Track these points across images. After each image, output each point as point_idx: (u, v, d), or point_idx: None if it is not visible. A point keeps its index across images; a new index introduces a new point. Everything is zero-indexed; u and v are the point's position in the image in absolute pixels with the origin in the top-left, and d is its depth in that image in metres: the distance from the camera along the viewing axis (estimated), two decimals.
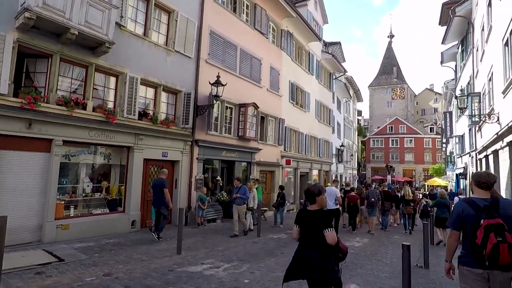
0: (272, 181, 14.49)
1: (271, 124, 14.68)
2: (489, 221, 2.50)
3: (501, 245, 2.41)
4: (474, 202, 2.67)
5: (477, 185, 2.74)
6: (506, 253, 2.41)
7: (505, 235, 2.45)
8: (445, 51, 22.25)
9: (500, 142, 9.12)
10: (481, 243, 2.49)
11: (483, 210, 2.57)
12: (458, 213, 2.71)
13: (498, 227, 2.47)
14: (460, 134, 20.70)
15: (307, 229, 2.94)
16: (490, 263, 2.47)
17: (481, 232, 2.50)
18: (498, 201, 2.62)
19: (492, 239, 2.44)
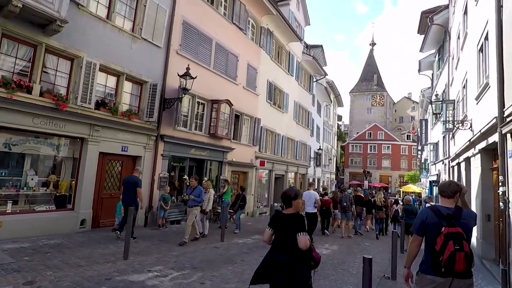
0: (245, 183, 13.96)
1: (246, 123, 14.17)
2: (449, 229, 2.56)
3: (458, 253, 2.48)
4: (438, 210, 2.73)
5: (440, 194, 2.83)
6: (461, 261, 2.48)
7: (463, 243, 2.52)
8: (423, 59, 22.60)
9: (472, 149, 9.03)
10: (440, 250, 2.55)
11: (445, 218, 2.63)
12: (422, 219, 2.77)
13: (457, 235, 2.54)
14: (434, 142, 21.01)
15: (281, 232, 2.89)
16: (446, 270, 2.52)
17: (441, 239, 2.56)
18: (461, 211, 2.69)
19: (450, 246, 2.51)
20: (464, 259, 2.49)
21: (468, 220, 2.67)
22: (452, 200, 2.79)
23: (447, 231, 2.56)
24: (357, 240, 10.12)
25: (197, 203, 7.58)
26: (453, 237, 2.53)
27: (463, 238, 2.54)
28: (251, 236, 9.27)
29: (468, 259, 2.51)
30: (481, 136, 7.50)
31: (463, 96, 11.22)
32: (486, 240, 7.77)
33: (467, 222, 2.65)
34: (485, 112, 7.31)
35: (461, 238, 2.54)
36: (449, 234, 2.55)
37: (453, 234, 2.54)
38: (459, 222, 2.61)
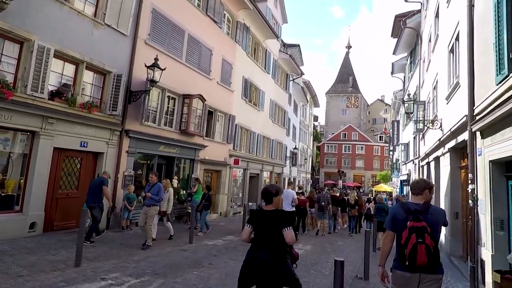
0: (218, 182, 13.51)
1: (220, 120, 13.72)
2: (414, 223, 2.62)
3: (419, 246, 2.54)
4: (407, 205, 2.81)
5: (411, 191, 2.97)
6: (423, 254, 2.52)
7: (425, 236, 2.56)
8: (396, 62, 23.17)
9: (442, 148, 9.15)
10: (404, 243, 2.61)
11: (412, 213, 2.70)
12: (392, 215, 2.86)
13: (421, 229, 2.58)
14: (405, 142, 21.58)
15: (262, 230, 2.83)
16: (410, 263, 2.57)
17: (406, 232, 2.63)
18: (428, 207, 2.75)
19: (413, 239, 2.57)
20: (425, 252, 2.53)
21: (435, 215, 2.72)
22: (421, 196, 2.86)
23: (412, 225, 2.63)
24: (330, 239, 10.00)
25: (155, 202, 6.84)
26: (416, 231, 2.59)
27: (426, 232, 2.58)
28: (223, 237, 8.87)
29: (429, 252, 2.54)
30: (450, 135, 7.56)
31: (433, 97, 11.44)
32: (454, 237, 7.86)
33: (434, 217, 2.69)
34: (455, 112, 7.37)
35: (424, 232, 2.58)
36: (413, 228, 2.61)
37: (417, 228, 2.60)
38: (425, 217, 2.66)
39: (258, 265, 2.71)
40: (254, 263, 2.75)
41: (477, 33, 5.78)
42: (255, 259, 2.76)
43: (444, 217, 2.81)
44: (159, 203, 7.00)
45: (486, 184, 5.10)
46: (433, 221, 2.67)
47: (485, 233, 5.07)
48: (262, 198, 2.99)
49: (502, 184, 4.87)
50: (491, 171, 4.98)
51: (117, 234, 7.98)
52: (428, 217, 2.67)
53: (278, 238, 2.73)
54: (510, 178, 4.76)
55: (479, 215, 5.43)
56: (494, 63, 4.55)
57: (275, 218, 2.79)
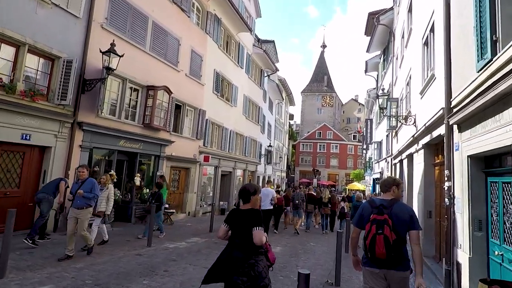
0: (187, 180, 12.73)
1: (190, 115, 12.94)
2: (376, 216, 2.67)
3: (378, 236, 2.56)
4: (373, 201, 2.88)
5: (380, 188, 3.03)
6: (381, 244, 2.54)
7: (384, 228, 2.59)
8: (369, 60, 23.35)
9: (415, 145, 8.98)
10: (366, 235, 2.66)
11: (377, 207, 2.76)
12: (360, 211, 2.91)
13: (382, 221, 2.62)
14: (378, 141, 21.79)
15: (238, 229, 2.79)
16: (371, 254, 2.60)
17: (368, 225, 2.67)
18: (394, 202, 2.79)
19: (373, 230, 2.62)
20: (383, 242, 2.54)
21: (400, 211, 2.72)
22: (389, 193, 2.92)
23: (374, 217, 2.69)
24: (302, 240, 9.57)
25: (88, 201, 5.53)
26: (377, 223, 2.64)
27: (387, 224, 2.60)
28: (187, 239, 8.16)
29: (387, 243, 2.55)
30: (425, 130, 7.33)
31: (406, 93, 11.35)
32: (426, 237, 7.66)
33: (399, 213, 2.70)
34: (430, 106, 7.14)
35: (385, 224, 2.60)
36: (375, 220, 2.67)
37: (378, 220, 2.65)
38: (389, 212, 2.69)
39: (231, 264, 2.65)
40: (227, 261, 2.69)
41: (454, 20, 5.49)
42: (228, 257, 2.70)
43: (412, 215, 2.76)
44: (93, 203, 5.75)
45: (463, 181, 4.80)
46: (397, 215, 2.68)
47: (462, 234, 4.77)
48: (240, 197, 2.93)
49: (481, 181, 4.58)
50: (469, 167, 4.68)
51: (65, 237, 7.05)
52: (393, 212, 2.69)
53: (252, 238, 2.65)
54: (490, 175, 4.47)
55: (455, 214, 5.14)
56: (475, 48, 4.22)
57: (249, 217, 2.73)
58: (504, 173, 4.09)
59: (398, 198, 2.92)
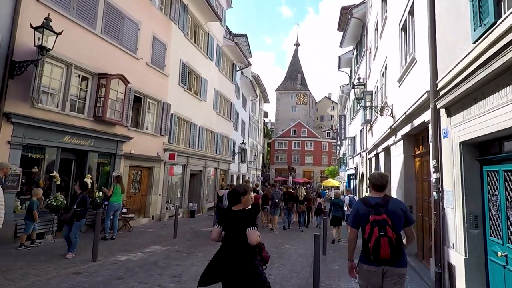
0: (150, 180, 11.55)
1: (152, 109, 11.76)
2: (375, 217, 2.63)
3: (382, 239, 2.53)
4: (367, 200, 2.80)
5: (373, 187, 2.88)
6: (386, 246, 2.52)
7: (386, 229, 2.56)
8: (342, 56, 23.13)
9: (393, 136, 8.47)
10: (367, 237, 2.62)
11: (373, 207, 2.69)
12: (354, 212, 2.82)
13: (382, 222, 2.59)
14: (352, 136, 21.59)
15: (231, 229, 2.82)
16: (374, 256, 2.58)
17: (368, 227, 2.63)
18: (388, 200, 2.75)
19: (375, 232, 2.57)
20: (388, 244, 2.52)
21: (394, 206, 2.70)
22: (383, 192, 2.85)
23: (373, 218, 2.62)
24: (277, 242, 8.79)
25: None
26: (378, 224, 2.58)
27: (388, 224, 2.58)
28: (144, 249, 7.10)
29: (392, 244, 2.53)
30: (405, 119, 6.78)
31: (381, 84, 10.91)
32: None
33: (394, 210, 2.68)
34: (410, 93, 6.58)
35: (386, 224, 2.57)
36: (375, 222, 2.60)
37: (378, 221, 2.59)
38: (386, 210, 2.66)
39: (226, 263, 2.72)
40: (222, 261, 2.75)
41: None
42: (223, 258, 2.76)
43: (404, 208, 2.76)
44: None
45: (455, 172, 4.17)
46: (393, 213, 2.66)
47: (455, 232, 4.15)
48: (229, 199, 2.97)
49: (475, 170, 3.97)
50: (461, 155, 4.06)
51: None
52: (389, 210, 2.66)
53: (245, 237, 2.70)
54: (485, 163, 3.87)
55: (445, 209, 4.53)
56: (470, 16, 3.57)
57: (242, 218, 2.78)
58: (504, 160, 3.49)
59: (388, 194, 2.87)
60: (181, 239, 8.54)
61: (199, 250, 7.18)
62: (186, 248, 7.41)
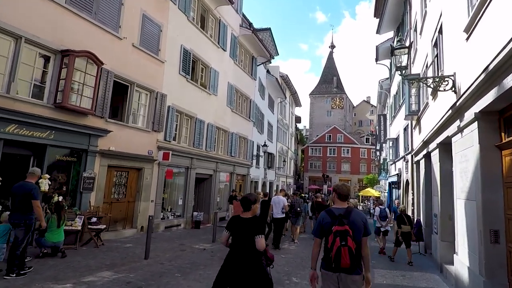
0: (139, 184, 9.64)
1: (143, 99, 9.93)
2: (338, 227, 2.76)
3: (343, 248, 2.68)
4: (331, 211, 2.93)
5: (339, 197, 3.00)
6: (346, 256, 2.67)
7: (347, 239, 2.71)
8: (380, 45, 20.06)
9: (456, 121, 5.63)
10: (330, 246, 2.75)
11: (337, 218, 2.83)
12: (319, 221, 2.96)
13: (344, 232, 2.72)
14: (394, 137, 18.26)
15: (240, 235, 3.00)
16: (335, 265, 2.72)
17: (331, 237, 2.76)
18: (351, 211, 2.89)
19: (337, 242, 2.70)
20: (348, 254, 2.67)
21: (355, 218, 2.83)
22: (346, 202, 3.00)
23: (336, 229, 2.75)
24: (297, 262, 6.28)
25: None
26: (340, 234, 2.73)
27: (349, 235, 2.73)
28: (85, 277, 5.00)
29: (352, 254, 2.69)
30: (482, 84, 4.03)
31: (433, 57, 8.03)
32: (492, 276, 4.27)
33: (356, 221, 2.81)
34: (492, 38, 3.85)
35: (347, 235, 2.72)
36: (338, 232, 2.73)
37: (341, 231, 2.73)
38: (348, 221, 2.79)
39: (235, 268, 2.91)
40: (232, 267, 2.94)
41: None
42: (232, 263, 2.95)
43: (365, 221, 2.90)
44: None
45: None
46: (355, 224, 2.80)
47: None
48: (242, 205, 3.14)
49: None
50: None
51: None
52: (351, 221, 2.80)
53: (253, 243, 2.91)
54: None
55: None
56: None
57: (252, 225, 2.98)
58: None
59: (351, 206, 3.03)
60: (154, 260, 6.38)
61: (161, 283, 4.95)
62: (146, 277, 5.23)
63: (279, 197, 8.82)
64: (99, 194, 8.10)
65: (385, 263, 7.71)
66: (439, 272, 6.85)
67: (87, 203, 7.71)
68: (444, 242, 6.91)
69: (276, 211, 8.48)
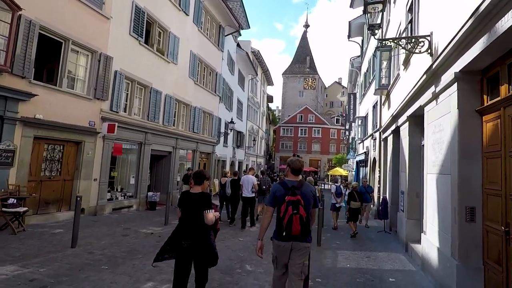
0: (77, 159, 8.38)
1: (83, 61, 8.49)
2: (290, 197, 2.88)
3: (294, 216, 2.81)
4: (285, 183, 3.02)
5: (292, 171, 3.07)
6: (297, 223, 2.80)
7: (299, 208, 2.85)
8: (353, 21, 19.39)
9: (430, 88, 5.00)
10: (282, 215, 2.86)
11: (290, 189, 2.93)
12: (273, 192, 3.05)
13: (296, 202, 2.86)
14: (363, 116, 17.99)
15: (188, 210, 3.09)
16: (287, 233, 2.82)
17: (284, 206, 2.87)
18: (302, 184, 3.02)
19: (289, 211, 2.83)
20: (299, 221, 2.81)
21: (306, 189, 2.98)
22: (299, 176, 3.08)
23: (289, 199, 2.87)
24: (235, 257, 5.55)
25: None
26: (292, 204, 2.85)
27: (300, 204, 2.85)
28: None
29: (302, 221, 2.82)
30: (458, 47, 3.32)
31: (407, 21, 7.35)
32: (466, 261, 3.75)
33: (306, 192, 2.96)
34: None
35: (299, 204, 2.85)
36: (290, 201, 2.86)
37: (293, 201, 2.85)
38: (300, 192, 2.93)
39: (182, 241, 2.98)
40: (178, 240, 3.00)
41: None
42: (179, 236, 3.02)
43: (314, 192, 3.08)
44: None
45: None
46: (306, 195, 2.94)
47: None
48: (194, 179, 3.21)
49: None
50: None
51: None
52: (302, 192, 2.94)
53: (201, 218, 3.02)
54: None
55: None
56: None
57: (200, 200, 3.06)
58: None
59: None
60: (82, 249, 5.36)
61: (76, 280, 3.99)
62: (61, 271, 4.23)
63: (249, 176, 8.81)
64: (22, 170, 6.80)
65: (349, 243, 7.26)
66: (405, 252, 6.47)
67: (3, 182, 6.41)
68: (411, 220, 6.50)
69: (245, 191, 8.49)
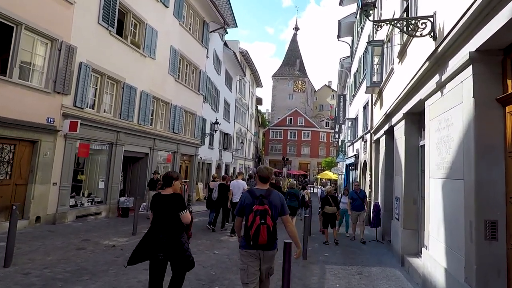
0: (33, 161, 7.35)
1: (40, 50, 7.50)
2: (258, 207, 2.86)
3: (262, 226, 2.80)
4: (253, 192, 3.02)
5: (260, 179, 3.07)
6: (264, 233, 2.78)
7: (266, 218, 2.83)
8: (343, 20, 18.84)
9: (435, 76, 4.27)
10: (250, 225, 2.83)
11: (258, 198, 2.92)
12: (241, 201, 3.05)
13: (263, 212, 2.84)
14: (352, 117, 17.37)
15: (161, 212, 3.09)
16: (254, 242, 2.81)
17: (252, 216, 2.84)
18: (271, 192, 3.00)
19: (257, 221, 2.81)
20: (266, 231, 2.79)
21: (274, 199, 2.95)
22: (267, 184, 3.08)
23: (256, 208, 2.85)
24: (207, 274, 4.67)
25: None
26: (260, 213, 2.82)
27: (268, 214, 2.85)
28: None
29: (269, 232, 2.81)
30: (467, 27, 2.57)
31: (403, 10, 6.67)
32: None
33: (274, 201, 2.93)
34: None
35: (266, 214, 2.83)
36: (258, 211, 2.83)
37: (261, 211, 2.83)
38: (268, 201, 2.90)
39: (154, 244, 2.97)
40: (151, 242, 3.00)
41: None
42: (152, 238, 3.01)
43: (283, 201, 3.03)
44: None
45: None
46: (273, 204, 2.91)
47: None
48: (163, 182, 3.24)
49: None
50: None
51: None
52: (270, 201, 2.91)
53: (174, 219, 3.06)
54: None
55: None
56: None
57: (173, 202, 3.09)
58: None
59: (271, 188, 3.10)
60: (18, 269, 4.38)
61: None
62: None
63: (239, 181, 8.71)
64: None
65: (339, 255, 6.47)
66: (401, 266, 5.71)
67: None
68: (407, 230, 5.74)
69: (235, 196, 8.25)
